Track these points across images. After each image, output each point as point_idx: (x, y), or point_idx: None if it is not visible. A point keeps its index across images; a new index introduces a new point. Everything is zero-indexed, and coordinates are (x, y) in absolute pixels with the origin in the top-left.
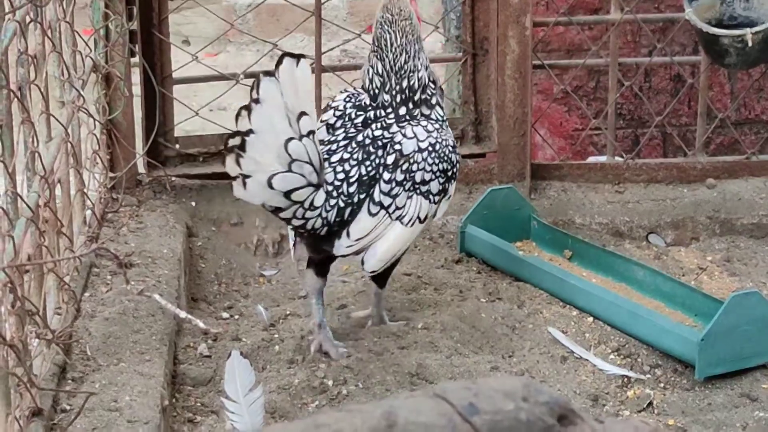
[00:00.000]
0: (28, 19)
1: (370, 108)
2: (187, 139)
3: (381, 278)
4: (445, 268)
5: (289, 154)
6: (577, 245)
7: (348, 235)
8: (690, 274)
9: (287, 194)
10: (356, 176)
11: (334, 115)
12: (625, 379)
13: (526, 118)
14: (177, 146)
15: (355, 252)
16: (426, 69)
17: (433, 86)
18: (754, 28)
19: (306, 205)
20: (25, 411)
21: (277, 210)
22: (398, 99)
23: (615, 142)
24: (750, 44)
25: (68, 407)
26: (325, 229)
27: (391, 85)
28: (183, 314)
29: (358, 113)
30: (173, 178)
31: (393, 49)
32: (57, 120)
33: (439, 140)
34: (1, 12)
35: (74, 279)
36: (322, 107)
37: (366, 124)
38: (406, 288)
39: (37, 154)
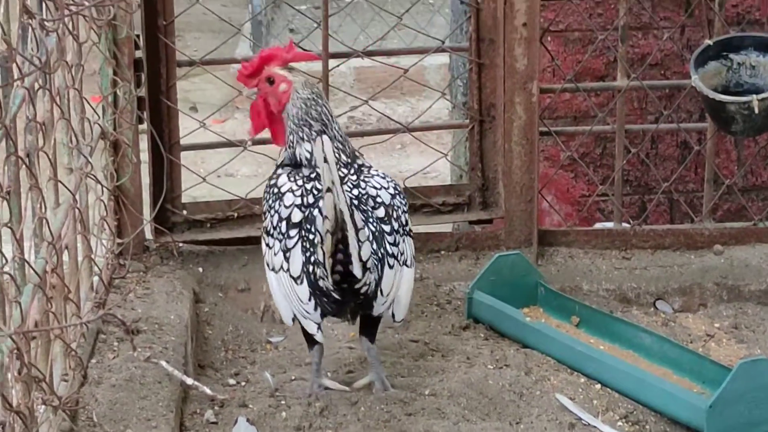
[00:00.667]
0: (36, 86)
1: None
2: (195, 206)
3: (375, 329)
4: (452, 335)
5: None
6: (585, 312)
7: (381, 292)
8: (698, 341)
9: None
10: (371, 234)
11: (295, 194)
12: None
13: (533, 185)
14: (184, 212)
15: (387, 307)
16: None
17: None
18: (760, 95)
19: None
20: None
21: (349, 286)
22: (345, 162)
23: (622, 208)
24: (756, 111)
25: None
26: (374, 290)
27: (341, 154)
28: (190, 381)
29: (316, 185)
30: (180, 244)
31: (334, 120)
32: (65, 186)
33: (394, 181)
34: (10, 79)
35: (81, 345)
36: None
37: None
38: (413, 355)
39: (44, 220)
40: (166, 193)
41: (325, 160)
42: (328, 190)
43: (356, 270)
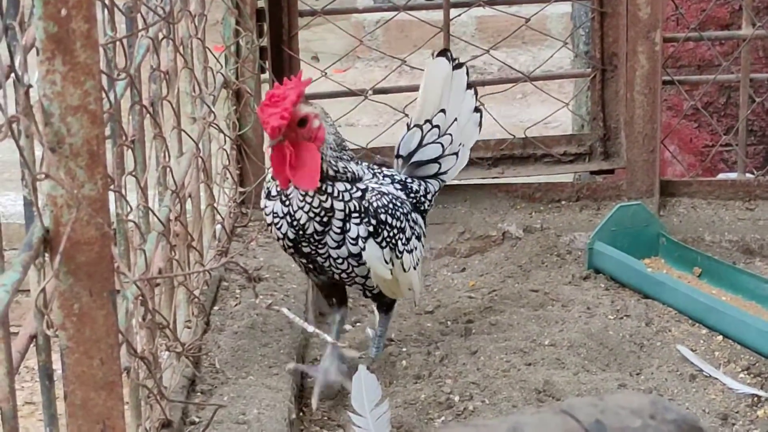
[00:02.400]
0: (160, 36)
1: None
2: None
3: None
4: (572, 285)
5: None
6: (707, 263)
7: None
8: None
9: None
10: None
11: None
12: (756, 399)
13: (656, 134)
14: None
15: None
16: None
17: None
18: None
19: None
20: (155, 423)
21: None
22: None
23: (746, 158)
24: None
25: (197, 419)
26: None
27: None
28: (311, 328)
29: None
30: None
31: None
32: (188, 135)
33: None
34: (134, 29)
35: (204, 293)
36: None
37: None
38: (533, 304)
39: (168, 169)
40: None
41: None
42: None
43: None
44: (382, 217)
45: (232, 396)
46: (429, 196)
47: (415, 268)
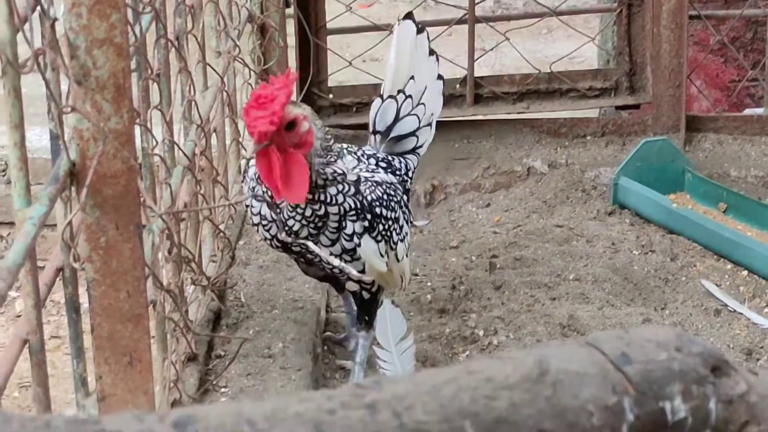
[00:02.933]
0: None
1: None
2: (341, 89)
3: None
4: (597, 220)
5: None
6: (733, 198)
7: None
8: None
9: None
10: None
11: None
12: None
13: (682, 69)
14: (330, 96)
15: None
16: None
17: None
18: None
19: None
20: (181, 356)
21: None
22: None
23: None
24: None
25: (222, 353)
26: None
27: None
28: (336, 261)
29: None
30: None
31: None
32: (213, 69)
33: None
34: None
35: (229, 227)
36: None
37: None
38: (558, 240)
39: (193, 103)
40: (313, 77)
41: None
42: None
43: None
44: (377, 210)
45: (257, 330)
46: (410, 174)
47: (407, 256)
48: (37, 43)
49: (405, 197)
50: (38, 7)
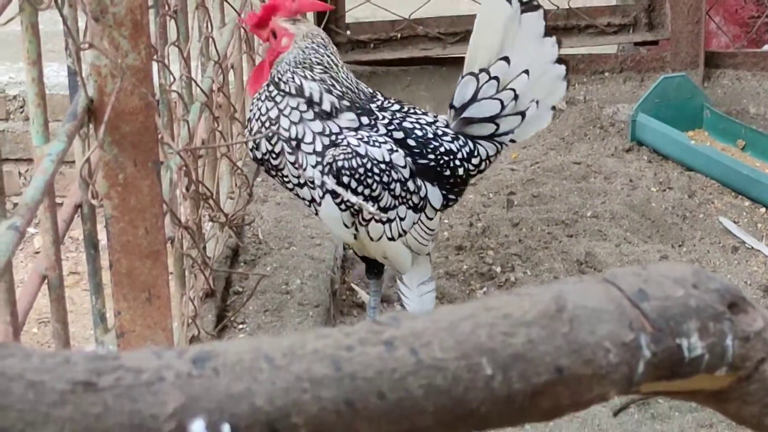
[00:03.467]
0: None
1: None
2: (358, 26)
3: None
4: (615, 157)
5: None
6: (751, 135)
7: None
8: None
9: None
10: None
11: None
12: None
13: (701, 5)
14: (348, 33)
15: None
16: None
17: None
18: None
19: None
20: (199, 292)
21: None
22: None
23: None
24: None
25: (240, 289)
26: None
27: (359, 96)
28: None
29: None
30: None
31: (342, 68)
32: (231, 6)
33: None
34: None
35: (246, 164)
36: None
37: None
38: (575, 177)
39: (211, 40)
40: (330, 13)
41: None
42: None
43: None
44: (345, 179)
45: (275, 266)
46: (475, 161)
47: (394, 239)
48: None
49: (410, 183)
50: None
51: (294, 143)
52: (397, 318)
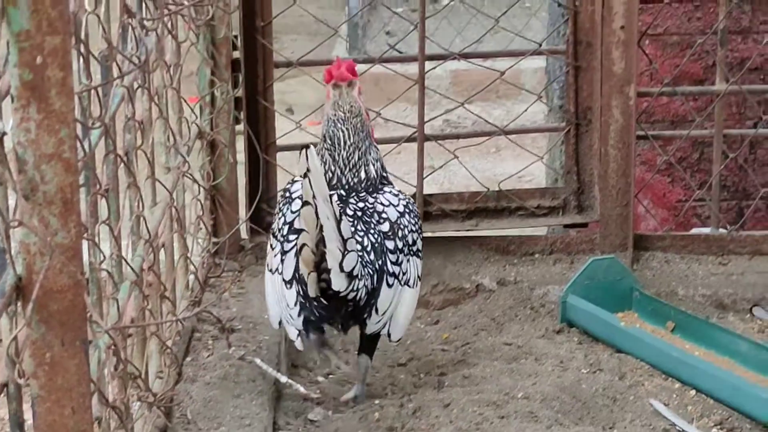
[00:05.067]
0: (135, 85)
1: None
2: None
3: (373, 347)
4: (545, 338)
5: (342, 235)
6: (680, 317)
7: (376, 310)
8: None
9: (350, 274)
10: (369, 245)
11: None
12: None
13: (629, 189)
14: None
15: (383, 325)
16: (377, 162)
17: (385, 178)
18: None
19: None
20: None
21: (334, 295)
22: (355, 187)
23: (719, 213)
24: None
25: None
26: (365, 299)
27: (346, 179)
28: (284, 379)
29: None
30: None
31: (346, 147)
32: (162, 185)
33: (408, 200)
34: (109, 77)
35: (176, 343)
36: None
37: (342, 200)
38: (506, 357)
39: (142, 219)
40: (262, 193)
41: (308, 171)
42: (306, 203)
43: (336, 280)
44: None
45: None
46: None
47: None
48: None
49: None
50: None
51: None
52: None
